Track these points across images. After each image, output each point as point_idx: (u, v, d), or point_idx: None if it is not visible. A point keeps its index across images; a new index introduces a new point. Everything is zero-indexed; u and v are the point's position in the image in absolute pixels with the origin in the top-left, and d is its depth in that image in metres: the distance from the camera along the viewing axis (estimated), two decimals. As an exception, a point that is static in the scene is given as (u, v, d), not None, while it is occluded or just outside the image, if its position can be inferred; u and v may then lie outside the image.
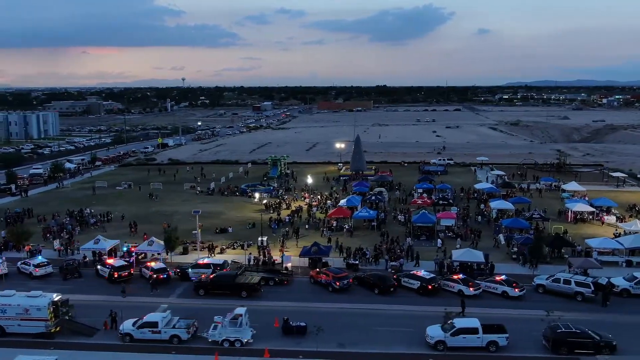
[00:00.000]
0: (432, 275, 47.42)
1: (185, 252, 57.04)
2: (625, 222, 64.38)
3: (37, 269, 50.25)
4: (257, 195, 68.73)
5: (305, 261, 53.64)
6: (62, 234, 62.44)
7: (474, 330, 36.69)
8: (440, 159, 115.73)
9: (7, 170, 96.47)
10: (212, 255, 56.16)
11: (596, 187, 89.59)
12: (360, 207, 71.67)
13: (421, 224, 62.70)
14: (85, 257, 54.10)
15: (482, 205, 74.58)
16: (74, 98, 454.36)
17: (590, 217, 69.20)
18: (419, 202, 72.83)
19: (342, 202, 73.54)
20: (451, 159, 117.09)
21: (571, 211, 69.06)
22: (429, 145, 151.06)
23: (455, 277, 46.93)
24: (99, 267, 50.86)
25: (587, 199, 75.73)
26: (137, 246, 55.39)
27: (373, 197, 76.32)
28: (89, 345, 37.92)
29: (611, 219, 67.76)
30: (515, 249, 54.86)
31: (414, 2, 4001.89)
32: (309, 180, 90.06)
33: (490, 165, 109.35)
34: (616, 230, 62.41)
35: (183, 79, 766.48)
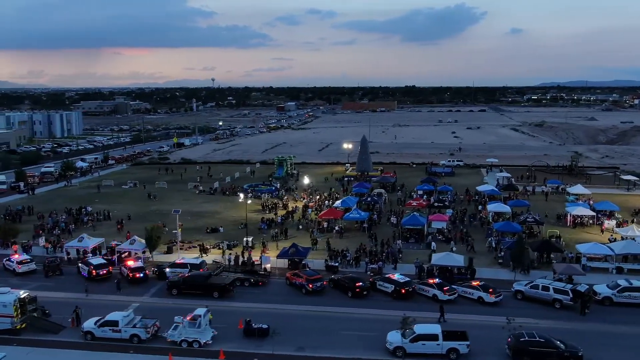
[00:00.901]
0: (407, 279, 46.44)
1: (169, 251, 57.26)
2: (623, 227, 61.98)
3: (19, 266, 51.13)
4: (241, 195, 68.55)
5: (287, 262, 53.25)
6: (54, 231, 63.42)
7: (433, 337, 35.75)
8: (449, 160, 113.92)
9: (17, 168, 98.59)
10: (202, 255, 56.20)
11: (605, 191, 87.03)
12: (356, 208, 70.99)
13: (410, 226, 61.64)
14: (69, 254, 54.78)
15: (479, 207, 72.97)
16: (105, 98, 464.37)
17: (591, 221, 66.93)
18: (414, 204, 71.66)
19: (337, 203, 72.99)
20: (461, 161, 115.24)
21: (570, 215, 66.97)
22: (445, 147, 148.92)
23: (430, 281, 45.90)
24: (80, 264, 51.42)
25: (591, 202, 73.39)
26: (118, 244, 55.79)
27: (369, 199, 75.50)
28: (52, 343, 38.34)
29: (612, 223, 65.38)
30: (502, 254, 53.40)
31: (446, 2, 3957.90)
32: (306, 180, 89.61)
33: (500, 167, 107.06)
34: (611, 235, 60.21)
35: (213, 80, 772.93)
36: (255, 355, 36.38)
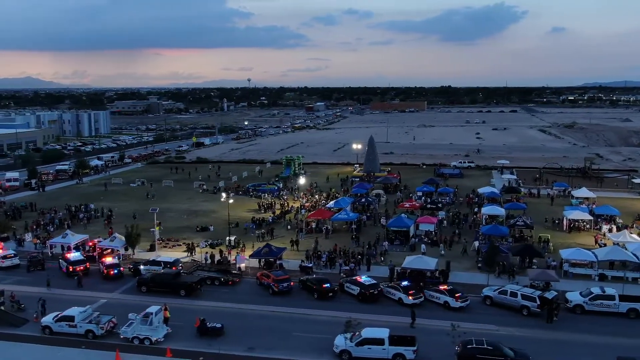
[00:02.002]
0: (374, 281, 45.76)
1: (152, 249, 57.96)
2: (614, 232, 59.60)
3: (3, 260, 52.63)
4: (223, 195, 69.01)
5: (262, 262, 53.18)
6: (48, 227, 65.10)
7: (379, 341, 35.12)
8: (460, 162, 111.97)
9: (29, 166, 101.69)
10: (190, 253, 56.74)
11: (618, 194, 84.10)
12: (350, 209, 70.60)
13: (395, 228, 60.74)
14: (52, 248, 56.11)
15: (475, 210, 71.40)
16: (142, 98, 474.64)
17: (588, 226, 64.61)
18: (407, 205, 70.64)
19: (330, 203, 72.57)
20: (472, 162, 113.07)
21: (567, 219, 64.80)
22: (463, 148, 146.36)
23: (397, 284, 45.12)
24: (60, 260, 52.61)
25: (594, 206, 70.88)
26: (99, 241, 56.82)
27: (363, 200, 74.82)
28: (10, 336, 39.16)
29: (605, 228, 62.89)
30: (481, 258, 52.09)
31: (484, 1, 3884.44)
32: (302, 181, 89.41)
33: (511, 169, 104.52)
34: (601, 240, 57.95)
35: (249, 80, 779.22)
36: (202, 354, 36.46)
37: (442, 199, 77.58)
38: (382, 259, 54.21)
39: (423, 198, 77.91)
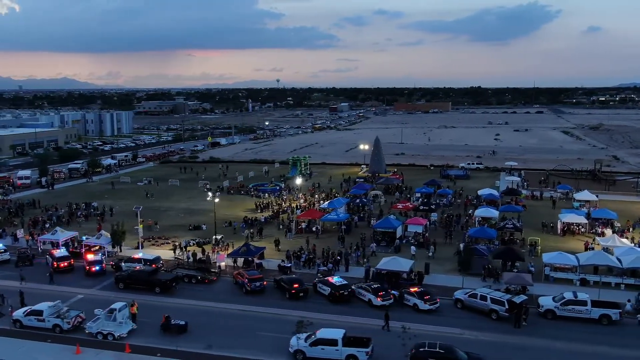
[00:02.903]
0: (345, 282, 45.60)
1: (139, 246, 58.85)
2: (603, 236, 58.03)
3: (-7, 256, 54.27)
4: (209, 194, 69.65)
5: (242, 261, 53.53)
6: (45, 224, 66.78)
7: (333, 342, 35.02)
8: (468, 163, 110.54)
9: (42, 165, 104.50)
10: (175, 252, 57.47)
11: (625, 198, 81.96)
12: (345, 210, 70.58)
13: (382, 229, 60.37)
14: (42, 245, 57.54)
15: (470, 212, 70.42)
16: (171, 98, 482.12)
17: (583, 229, 63.05)
18: (400, 206, 70.13)
19: (324, 204, 72.56)
20: (480, 164, 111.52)
21: (561, 222, 63.39)
22: (478, 149, 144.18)
23: (368, 285, 44.90)
24: (47, 256, 53.94)
25: (592, 209, 69.12)
26: (87, 238, 58.01)
27: (357, 200, 74.58)
28: (-18, 329, 40.45)
29: (607, 232, 61.33)
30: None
31: (517, 1, 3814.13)
32: (298, 181, 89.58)
33: (519, 171, 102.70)
34: (590, 244, 56.47)
35: (278, 81, 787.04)
36: (160, 350, 36.96)
37: (440, 200, 76.73)
38: (366, 260, 53.89)
39: (420, 199, 77.16)
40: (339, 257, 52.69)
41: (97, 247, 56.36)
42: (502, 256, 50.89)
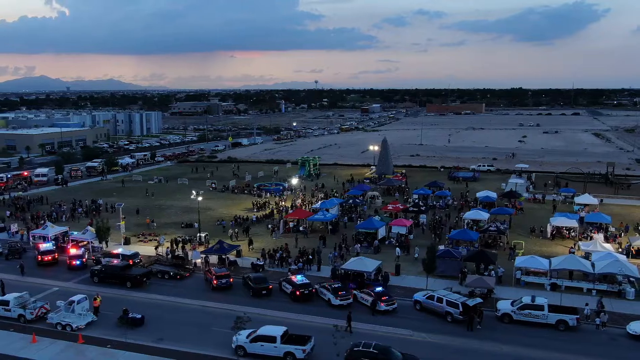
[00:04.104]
0: (307, 281, 45.89)
1: (127, 242, 60.66)
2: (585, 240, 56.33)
3: (-16, 249, 56.93)
4: (194, 192, 70.86)
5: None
6: (44, 220, 69.51)
7: (272, 339, 35.44)
8: (479, 165, 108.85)
9: (56, 163, 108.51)
10: (156, 248, 59.06)
11: (634, 202, 79.43)
12: (338, 210, 70.90)
13: (364, 230, 60.32)
14: (34, 239, 59.92)
15: (461, 214, 69.50)
16: (209, 99, 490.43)
17: (574, 233, 61.39)
18: (390, 207, 69.86)
19: (317, 204, 72.95)
20: (491, 166, 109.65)
21: (551, 225, 61.93)
22: (499, 152, 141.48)
23: (329, 285, 45.11)
24: (36, 251, 56.20)
25: (588, 213, 67.18)
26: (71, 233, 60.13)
27: (350, 201, 74.65)
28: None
29: (598, 236, 59.51)
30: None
31: (563, 0, 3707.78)
32: (294, 181, 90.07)
33: (529, 174, 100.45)
34: (572, 247, 54.96)
35: (316, 82, 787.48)
36: (110, 342, 38.16)
37: (436, 202, 76.02)
38: (342, 260, 53.97)
39: (417, 201, 76.59)
40: (310, 257, 52.95)
41: (84, 243, 58.32)
42: (473, 259, 50.18)
